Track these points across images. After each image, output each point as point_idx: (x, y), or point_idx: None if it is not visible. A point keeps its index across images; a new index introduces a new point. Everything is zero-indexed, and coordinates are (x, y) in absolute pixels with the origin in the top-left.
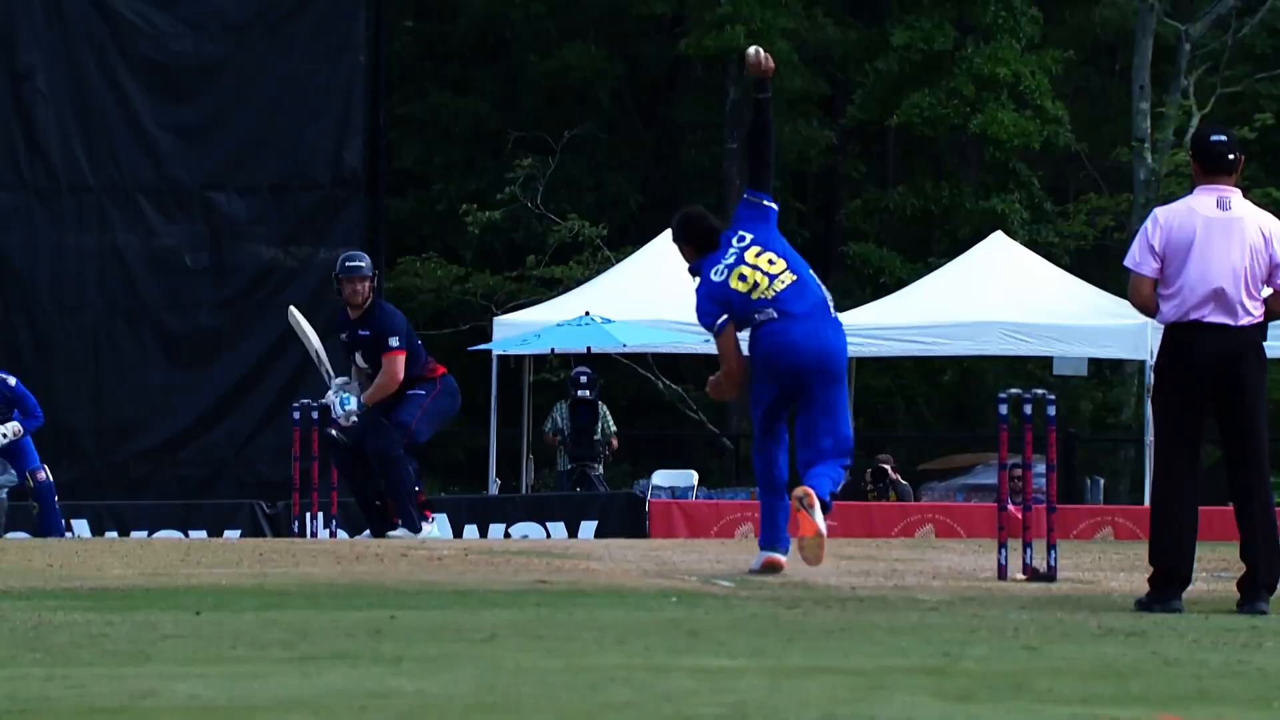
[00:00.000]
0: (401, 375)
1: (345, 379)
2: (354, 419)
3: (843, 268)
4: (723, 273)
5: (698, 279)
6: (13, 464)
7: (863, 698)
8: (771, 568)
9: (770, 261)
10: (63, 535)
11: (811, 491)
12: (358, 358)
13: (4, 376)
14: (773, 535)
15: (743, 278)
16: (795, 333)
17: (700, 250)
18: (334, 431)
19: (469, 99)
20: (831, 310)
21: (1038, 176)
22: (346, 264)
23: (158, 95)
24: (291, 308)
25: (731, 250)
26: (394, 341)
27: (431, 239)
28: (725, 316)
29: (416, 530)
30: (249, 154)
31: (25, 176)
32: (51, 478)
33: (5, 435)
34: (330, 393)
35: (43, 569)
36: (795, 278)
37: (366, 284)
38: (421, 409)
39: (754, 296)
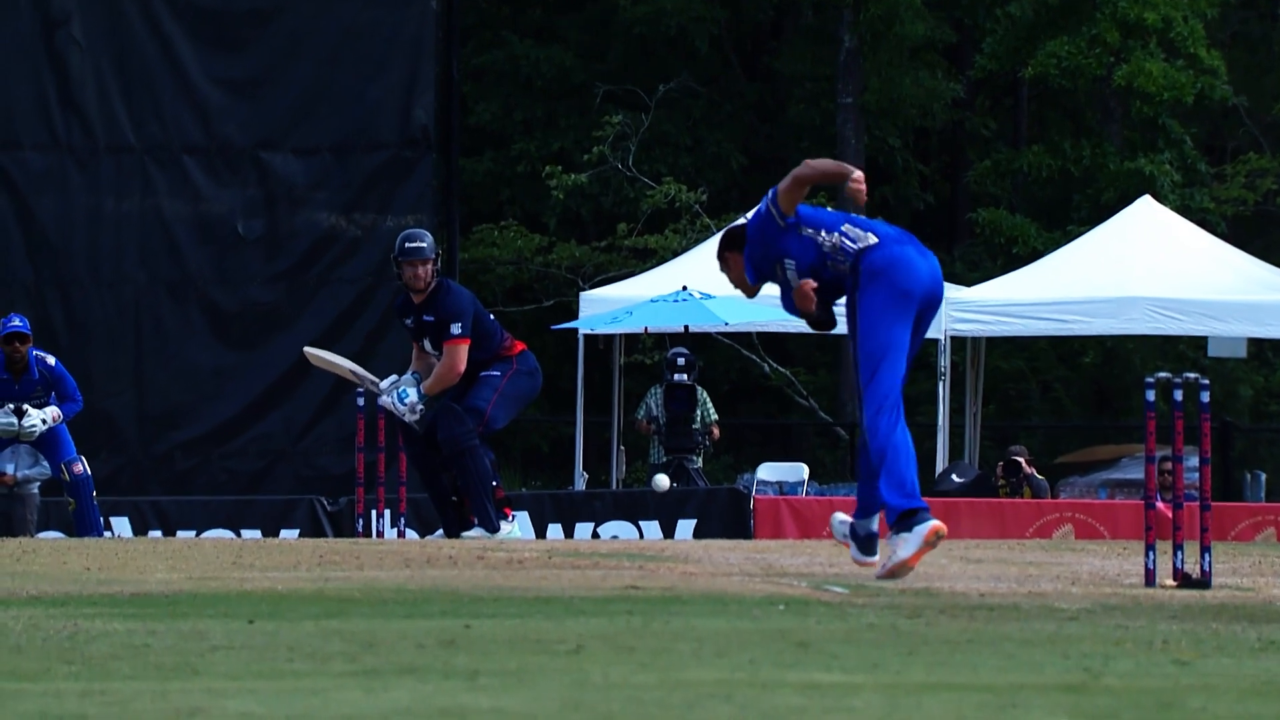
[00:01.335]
0: (463, 367)
1: (394, 378)
2: (420, 410)
3: (970, 236)
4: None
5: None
6: (46, 455)
7: (992, 718)
8: (937, 534)
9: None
10: (101, 534)
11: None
12: (425, 344)
13: (43, 355)
14: (914, 497)
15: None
16: (911, 253)
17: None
18: (408, 417)
19: (552, 48)
20: None
21: (1190, 134)
22: (406, 245)
23: (206, 45)
24: (306, 349)
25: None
26: (456, 329)
27: (510, 205)
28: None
29: (494, 530)
30: (307, 110)
31: (59, 135)
32: (89, 470)
33: (44, 421)
34: (383, 397)
35: (79, 572)
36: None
37: (429, 266)
38: (497, 392)
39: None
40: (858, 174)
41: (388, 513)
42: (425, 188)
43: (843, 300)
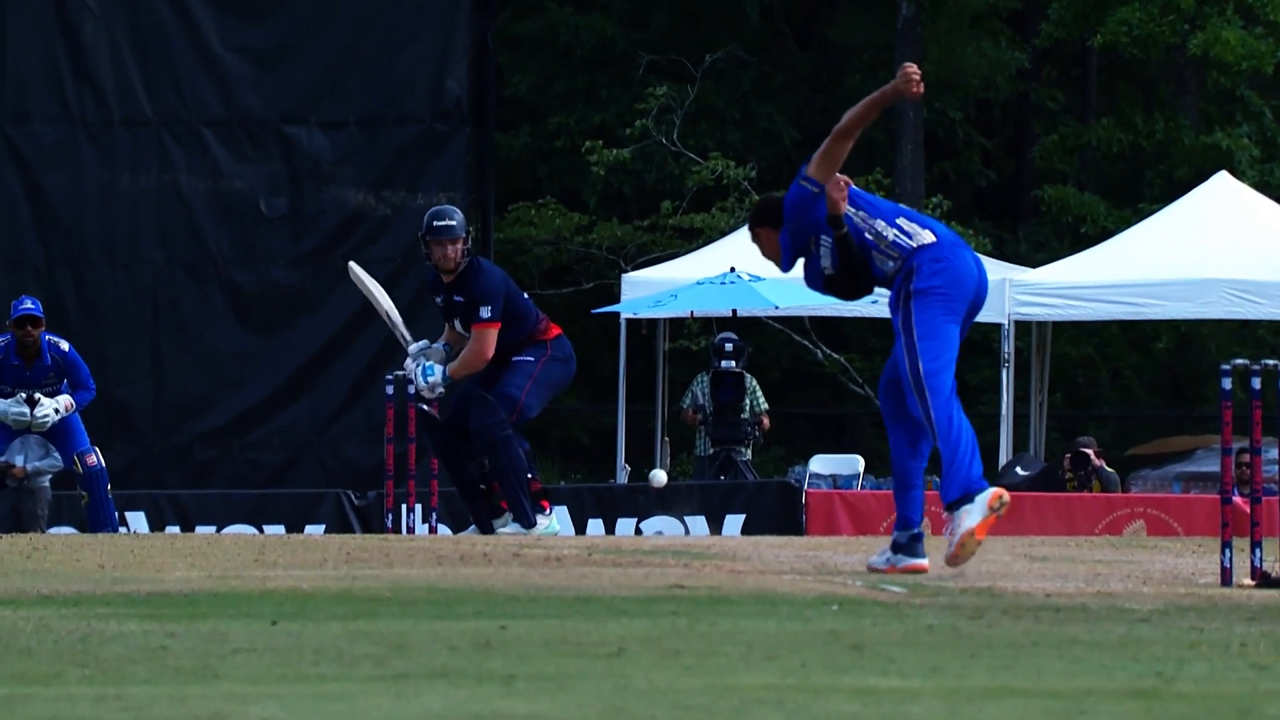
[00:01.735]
0: (491, 353)
1: (425, 343)
2: (439, 391)
3: (1036, 215)
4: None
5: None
6: (58, 446)
7: None
8: (1000, 499)
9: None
10: (116, 530)
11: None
12: (456, 324)
13: (55, 340)
14: (975, 473)
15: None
16: (967, 256)
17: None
18: (424, 405)
19: (593, 16)
20: None
21: (1270, 106)
22: (434, 224)
23: (227, 12)
24: (352, 264)
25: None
26: (485, 313)
27: (549, 181)
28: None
29: (530, 525)
30: (334, 81)
31: (71, 108)
32: (104, 462)
33: (57, 410)
34: (409, 360)
35: (92, 570)
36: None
37: (459, 246)
38: (531, 379)
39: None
40: (907, 68)
41: (419, 507)
42: (458, 164)
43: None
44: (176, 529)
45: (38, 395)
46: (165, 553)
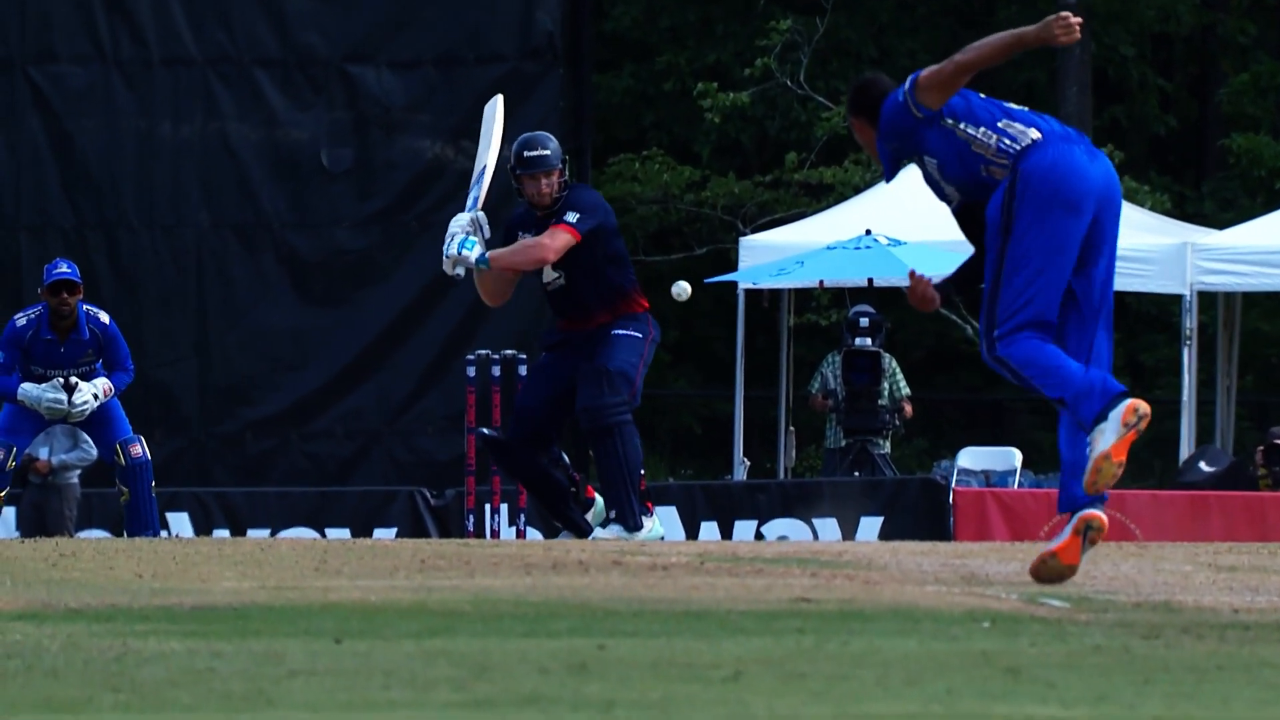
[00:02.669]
0: (553, 257)
1: (483, 218)
2: (459, 273)
3: (1223, 167)
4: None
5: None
6: (95, 435)
7: None
8: (1136, 412)
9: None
10: (156, 533)
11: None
12: (547, 271)
13: (95, 312)
14: (1109, 386)
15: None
16: (1079, 154)
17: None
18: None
19: None
20: None
21: None
22: (525, 154)
23: None
24: (498, 98)
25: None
26: (571, 217)
27: (655, 130)
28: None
29: (636, 527)
30: (406, 15)
31: (104, 45)
32: (149, 454)
33: (95, 396)
34: (454, 222)
35: (129, 580)
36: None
37: (554, 179)
38: (642, 360)
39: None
40: (1064, 16)
41: (504, 507)
42: (550, 110)
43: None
44: (225, 533)
45: (74, 379)
46: (212, 560)
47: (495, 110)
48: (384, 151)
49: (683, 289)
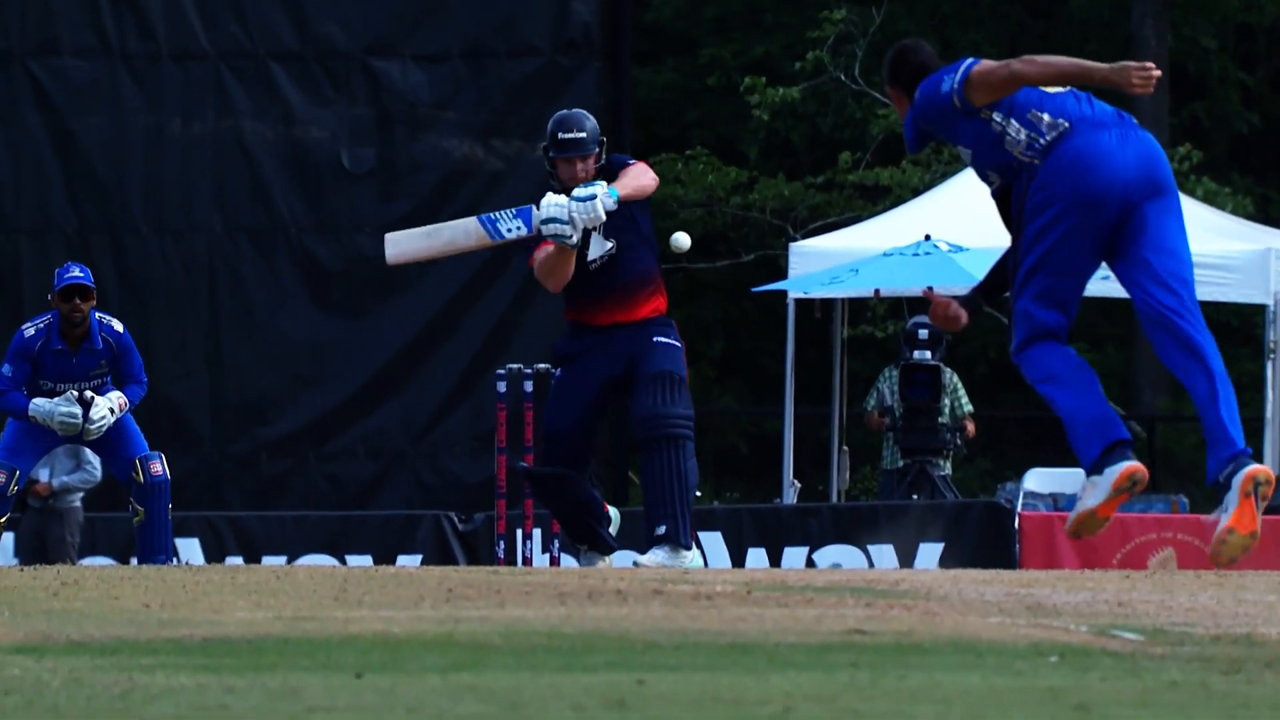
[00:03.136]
0: (656, 183)
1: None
2: (573, 242)
3: None
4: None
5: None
6: (109, 453)
7: None
8: (1132, 479)
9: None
10: (169, 559)
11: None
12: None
13: (108, 321)
14: (1107, 432)
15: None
16: (1106, 141)
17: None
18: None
19: None
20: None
21: None
22: (561, 136)
23: None
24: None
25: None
26: (631, 159)
27: (699, 129)
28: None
29: (686, 546)
30: (433, 4)
31: (110, 38)
32: (169, 472)
33: (112, 410)
34: (555, 199)
35: (135, 611)
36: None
37: (590, 163)
38: (684, 372)
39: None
40: (1141, 66)
41: (537, 533)
42: (587, 106)
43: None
44: (239, 559)
45: (88, 393)
46: (225, 589)
47: (399, 248)
48: (409, 151)
49: (682, 241)
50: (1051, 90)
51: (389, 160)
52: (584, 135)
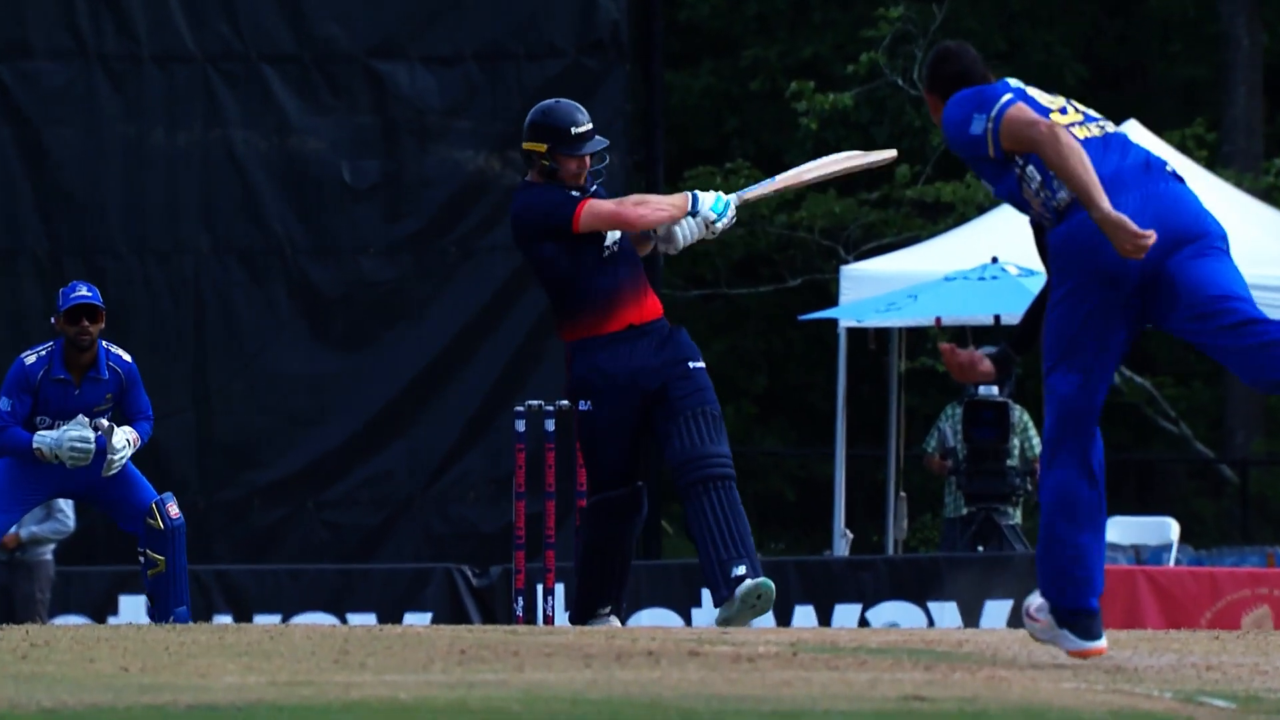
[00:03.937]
0: None
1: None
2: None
3: None
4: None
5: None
6: (118, 497)
7: None
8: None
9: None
10: (188, 617)
11: None
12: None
13: (116, 350)
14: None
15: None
16: (1122, 209)
17: None
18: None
19: None
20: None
21: None
22: (575, 131)
23: None
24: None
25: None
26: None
27: (740, 138)
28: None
29: (729, 593)
30: (444, 3)
31: (86, 39)
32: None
33: (127, 443)
34: (695, 218)
35: (113, 675)
36: (1105, 133)
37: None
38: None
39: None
40: (1142, 235)
41: (559, 588)
42: (616, 113)
43: None
44: (228, 618)
45: (103, 420)
46: (212, 650)
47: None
48: (417, 164)
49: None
50: (1082, 135)
51: (395, 174)
52: (593, 124)
